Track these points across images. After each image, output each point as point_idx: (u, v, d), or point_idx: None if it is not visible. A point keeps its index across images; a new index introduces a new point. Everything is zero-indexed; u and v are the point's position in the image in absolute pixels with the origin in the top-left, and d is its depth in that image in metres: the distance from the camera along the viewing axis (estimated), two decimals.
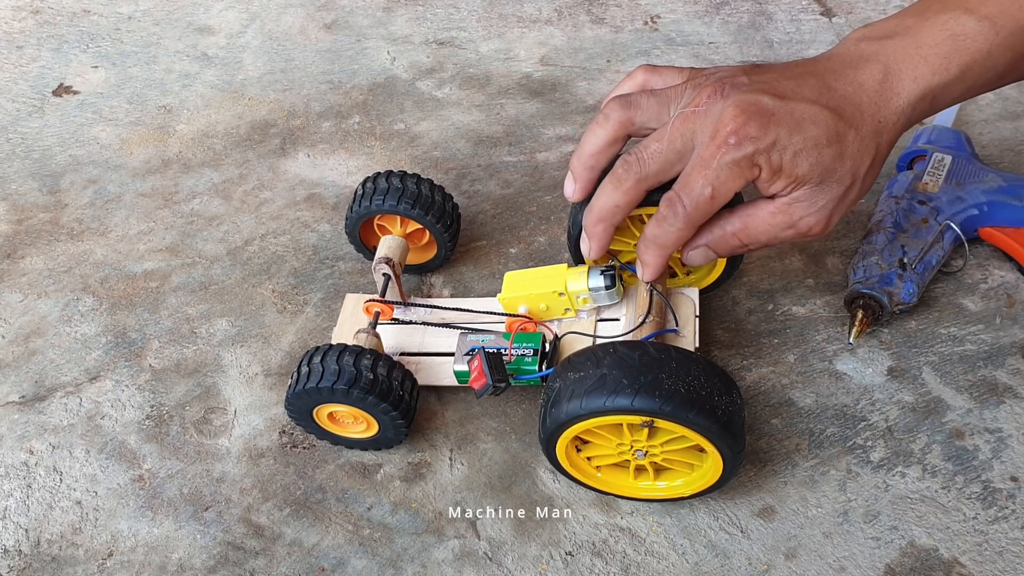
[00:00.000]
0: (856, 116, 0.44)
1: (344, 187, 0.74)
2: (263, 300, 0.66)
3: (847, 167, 0.44)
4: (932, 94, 0.45)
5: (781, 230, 0.46)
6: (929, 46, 0.45)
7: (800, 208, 0.45)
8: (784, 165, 0.43)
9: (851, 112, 0.44)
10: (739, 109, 0.43)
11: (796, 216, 0.45)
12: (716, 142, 0.43)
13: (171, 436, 0.58)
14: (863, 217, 0.68)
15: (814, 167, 0.43)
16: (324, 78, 0.86)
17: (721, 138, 0.43)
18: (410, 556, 0.52)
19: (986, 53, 0.45)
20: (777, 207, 0.46)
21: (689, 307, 0.56)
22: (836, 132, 0.43)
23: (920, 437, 0.55)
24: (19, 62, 0.90)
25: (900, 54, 0.45)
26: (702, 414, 0.44)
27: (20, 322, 0.66)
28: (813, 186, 0.44)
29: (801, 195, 0.45)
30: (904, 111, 0.45)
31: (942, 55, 0.44)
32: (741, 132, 0.42)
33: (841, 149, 0.44)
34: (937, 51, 0.45)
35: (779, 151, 0.43)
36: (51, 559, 0.53)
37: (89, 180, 0.77)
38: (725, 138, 0.43)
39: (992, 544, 0.50)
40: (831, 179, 0.44)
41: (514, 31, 0.90)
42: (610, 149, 0.48)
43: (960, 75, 0.45)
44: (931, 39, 0.45)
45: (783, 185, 0.44)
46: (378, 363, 0.51)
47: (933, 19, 0.45)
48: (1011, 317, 0.61)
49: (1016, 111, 0.77)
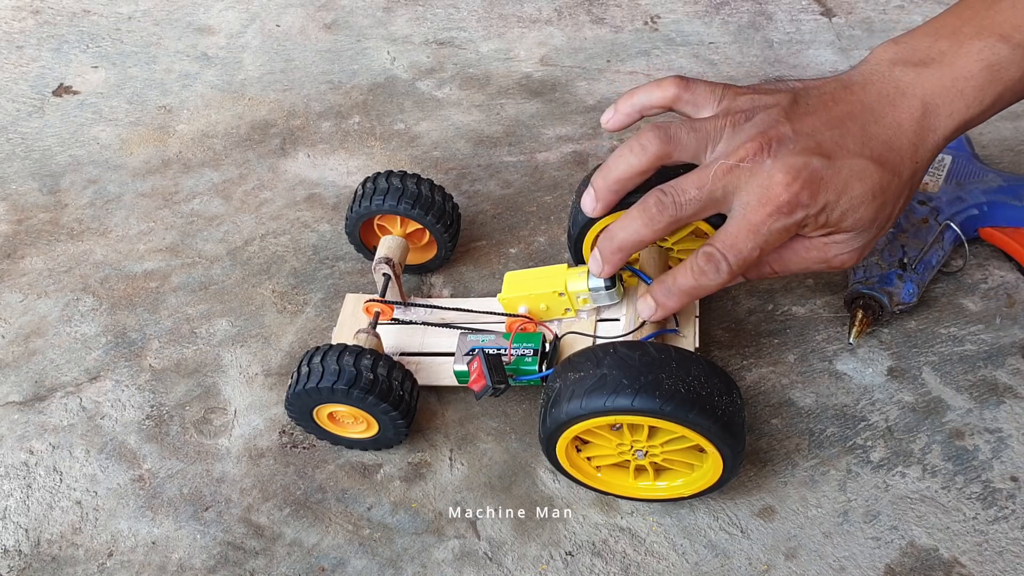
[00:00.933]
0: (897, 163, 0.44)
1: (344, 187, 0.74)
2: (263, 300, 0.66)
3: (886, 213, 0.45)
4: (966, 125, 0.45)
5: (814, 263, 0.47)
6: (965, 79, 0.44)
7: (836, 248, 0.46)
8: (831, 222, 0.44)
9: (893, 160, 0.44)
10: (790, 176, 0.43)
11: (832, 254, 0.46)
12: (767, 209, 0.43)
13: (171, 436, 0.58)
14: None
15: (858, 221, 0.45)
16: (324, 78, 0.86)
17: (773, 206, 0.43)
18: (410, 556, 0.52)
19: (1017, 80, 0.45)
20: (814, 244, 0.47)
21: (689, 307, 0.56)
22: (880, 185, 0.44)
23: (920, 437, 0.55)
24: (19, 62, 0.90)
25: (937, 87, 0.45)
26: (702, 414, 0.44)
27: (20, 322, 0.66)
28: (849, 232, 0.45)
29: (840, 238, 0.46)
30: (939, 146, 0.45)
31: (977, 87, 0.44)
32: (794, 201, 0.43)
33: (884, 200, 0.44)
34: (973, 83, 0.44)
35: (827, 213, 0.44)
36: (51, 559, 0.53)
37: (89, 180, 0.77)
38: (778, 207, 0.43)
39: (992, 544, 0.50)
40: (872, 226, 0.45)
41: (514, 31, 0.90)
42: (639, 178, 0.48)
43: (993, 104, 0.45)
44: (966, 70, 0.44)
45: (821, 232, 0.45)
46: (378, 363, 0.51)
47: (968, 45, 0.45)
48: (1011, 317, 0.61)
49: (1016, 111, 0.77)
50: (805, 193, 0.43)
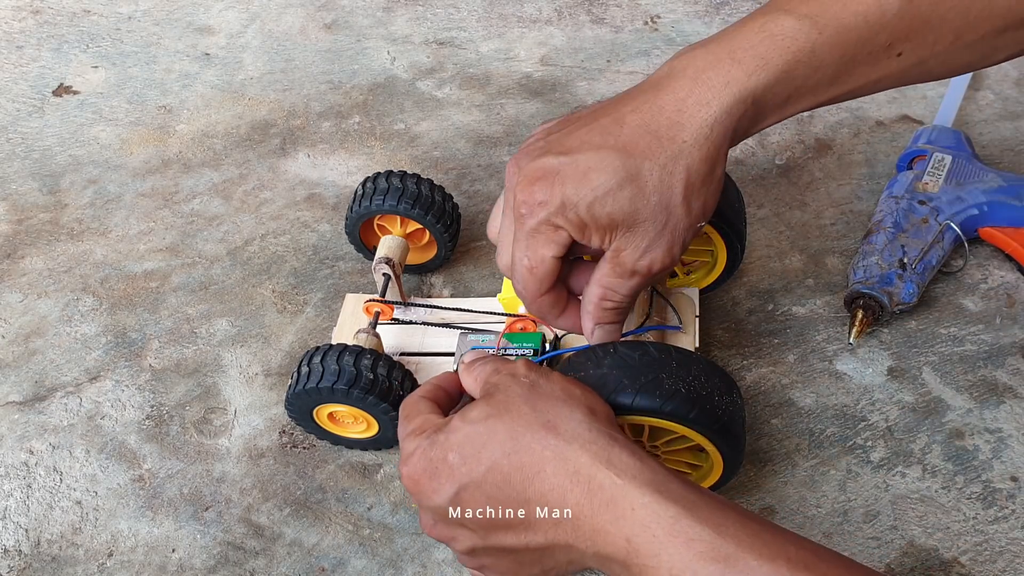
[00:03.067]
0: (651, 145, 0.41)
1: (344, 187, 0.74)
2: (263, 300, 0.66)
3: (652, 202, 0.42)
4: (752, 96, 0.42)
5: (628, 279, 0.44)
6: (744, 48, 0.42)
7: (628, 255, 0.43)
8: (583, 219, 0.42)
9: (644, 143, 0.41)
10: (525, 181, 0.42)
11: (629, 263, 0.43)
12: (514, 216, 0.43)
13: (171, 436, 0.58)
14: (863, 217, 0.68)
15: (614, 213, 0.42)
16: (324, 78, 0.86)
17: (516, 212, 0.43)
18: (410, 556, 0.52)
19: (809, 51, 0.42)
20: (609, 262, 0.44)
21: (689, 307, 0.56)
22: (627, 172, 0.41)
23: (920, 437, 0.55)
24: (19, 62, 0.90)
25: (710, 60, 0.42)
26: (702, 414, 0.44)
27: (20, 322, 0.66)
28: (626, 231, 0.42)
29: (621, 243, 0.43)
30: (717, 121, 0.42)
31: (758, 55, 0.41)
32: (529, 201, 0.42)
33: (639, 186, 0.41)
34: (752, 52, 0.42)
35: (572, 207, 0.41)
36: (51, 559, 0.53)
37: (89, 180, 0.77)
38: (519, 211, 0.42)
39: (992, 544, 0.50)
40: (640, 218, 0.42)
41: (514, 31, 0.90)
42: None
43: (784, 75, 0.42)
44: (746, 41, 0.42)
45: (600, 239, 0.43)
46: (378, 363, 0.51)
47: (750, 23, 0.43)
48: (1011, 317, 0.61)
49: (1016, 111, 0.77)
50: (538, 189, 0.41)
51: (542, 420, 0.39)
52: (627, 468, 0.37)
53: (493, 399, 0.41)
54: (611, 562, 0.37)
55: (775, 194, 0.71)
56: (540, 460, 0.38)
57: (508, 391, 0.41)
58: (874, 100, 0.79)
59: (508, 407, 0.40)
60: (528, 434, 0.39)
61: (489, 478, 0.39)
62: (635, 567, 0.36)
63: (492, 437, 0.39)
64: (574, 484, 0.38)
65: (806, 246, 0.67)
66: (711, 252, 0.58)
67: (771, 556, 0.34)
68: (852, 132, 0.76)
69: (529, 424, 0.39)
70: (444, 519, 0.41)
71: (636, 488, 0.36)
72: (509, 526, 0.39)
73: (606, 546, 0.37)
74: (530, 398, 0.40)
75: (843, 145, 0.75)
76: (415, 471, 0.41)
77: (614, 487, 0.37)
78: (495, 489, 0.39)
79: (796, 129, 0.76)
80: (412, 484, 0.41)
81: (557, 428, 0.39)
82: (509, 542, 0.40)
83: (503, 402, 0.40)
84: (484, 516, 0.39)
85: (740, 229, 0.55)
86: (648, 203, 0.42)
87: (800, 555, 0.34)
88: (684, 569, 0.34)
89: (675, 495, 0.36)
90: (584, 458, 0.38)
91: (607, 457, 0.38)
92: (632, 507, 0.36)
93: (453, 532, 0.41)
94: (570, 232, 0.42)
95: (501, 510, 0.39)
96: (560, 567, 0.40)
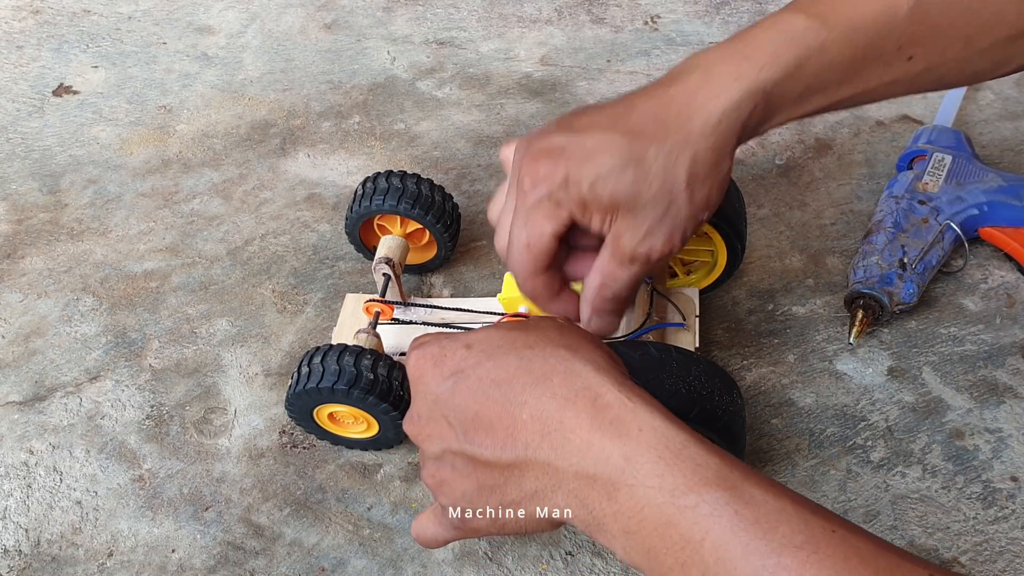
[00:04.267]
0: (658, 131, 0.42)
1: (344, 187, 0.74)
2: (263, 300, 0.66)
3: (655, 186, 0.42)
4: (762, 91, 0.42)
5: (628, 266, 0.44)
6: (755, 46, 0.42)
7: (628, 240, 0.43)
8: (585, 197, 0.42)
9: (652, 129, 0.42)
10: (531, 156, 0.42)
11: (628, 248, 0.43)
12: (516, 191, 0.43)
13: (171, 436, 0.58)
14: (863, 217, 0.68)
15: (616, 193, 0.41)
16: (324, 78, 0.86)
17: (520, 188, 0.43)
18: (410, 556, 0.52)
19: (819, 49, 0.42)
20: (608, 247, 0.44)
21: (689, 307, 0.56)
22: (632, 154, 0.41)
23: (920, 437, 0.55)
24: (19, 62, 0.90)
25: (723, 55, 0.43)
26: (702, 414, 0.44)
27: (20, 322, 0.66)
28: (627, 214, 0.42)
29: (620, 227, 0.43)
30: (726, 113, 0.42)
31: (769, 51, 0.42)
32: (533, 175, 0.42)
33: (643, 169, 0.41)
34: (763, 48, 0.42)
35: (575, 184, 0.42)
36: (51, 559, 0.53)
37: (89, 180, 0.77)
38: (522, 186, 0.42)
39: (992, 544, 0.50)
40: (641, 202, 0.42)
41: (514, 31, 0.90)
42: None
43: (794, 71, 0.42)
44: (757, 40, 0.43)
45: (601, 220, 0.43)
46: (378, 363, 0.51)
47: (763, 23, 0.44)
48: (1011, 317, 0.61)
49: (1016, 111, 0.77)
50: (543, 165, 0.42)
51: (565, 342, 0.39)
52: (639, 394, 0.36)
53: (525, 322, 0.41)
54: (594, 483, 0.35)
55: (775, 194, 0.71)
56: (551, 369, 0.38)
57: (542, 321, 0.41)
58: None
59: (537, 326, 0.40)
60: (548, 347, 0.38)
61: (492, 373, 0.38)
62: (626, 488, 0.34)
63: (511, 342, 0.39)
64: (580, 397, 0.36)
65: (806, 246, 0.67)
66: (711, 252, 0.58)
67: (777, 494, 0.33)
68: (852, 132, 0.76)
69: (551, 340, 0.39)
70: (430, 410, 0.40)
71: (647, 411, 0.35)
72: (492, 427, 0.38)
73: (597, 464, 0.35)
74: (561, 328, 0.40)
75: (843, 145, 0.75)
76: (424, 354, 0.40)
77: (623, 407, 0.36)
78: (493, 386, 0.38)
79: (796, 129, 0.76)
80: (415, 367, 0.40)
81: (577, 350, 0.38)
82: (484, 450, 0.38)
83: (534, 323, 0.41)
84: (473, 410, 0.38)
85: (740, 229, 0.55)
86: (650, 187, 0.42)
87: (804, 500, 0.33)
88: (688, 492, 0.33)
89: (684, 426, 0.35)
90: (597, 377, 0.37)
91: (620, 381, 0.37)
92: (639, 428, 0.35)
93: (432, 427, 0.40)
94: (571, 210, 0.42)
95: (492, 407, 0.38)
96: (523, 500, 0.38)
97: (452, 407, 0.39)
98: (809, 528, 0.32)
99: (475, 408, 0.38)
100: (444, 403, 0.39)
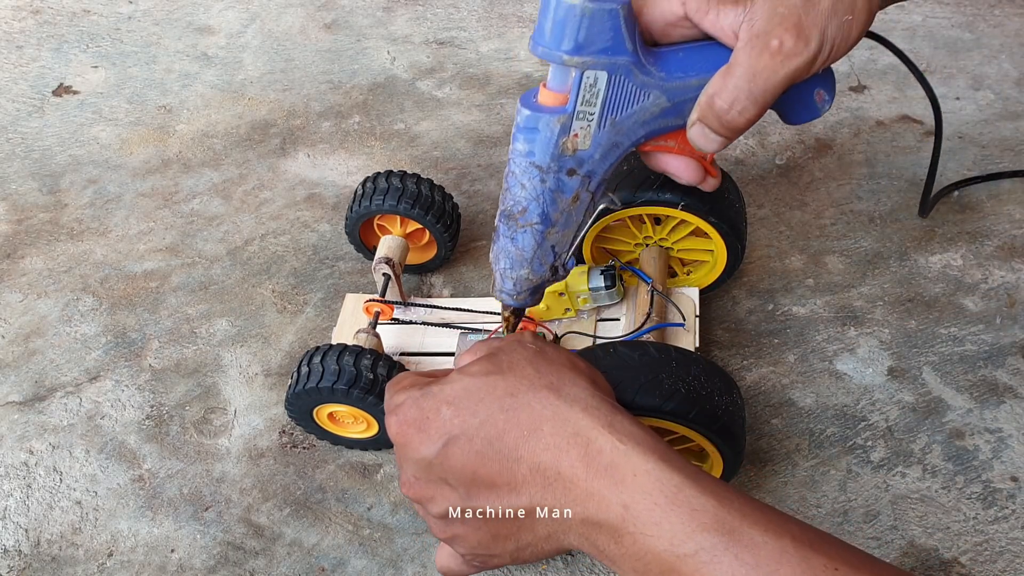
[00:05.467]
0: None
1: (344, 187, 0.74)
2: (263, 300, 0.66)
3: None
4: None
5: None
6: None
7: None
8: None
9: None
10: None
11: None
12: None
13: (171, 436, 0.58)
14: (863, 217, 0.68)
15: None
16: (324, 78, 0.86)
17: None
18: (410, 556, 0.52)
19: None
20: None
21: (689, 307, 0.56)
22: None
23: (920, 437, 0.55)
24: (19, 62, 0.90)
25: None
26: (702, 414, 0.44)
27: (20, 322, 0.66)
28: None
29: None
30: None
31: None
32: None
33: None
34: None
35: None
36: (51, 559, 0.53)
37: (89, 180, 0.77)
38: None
39: (992, 544, 0.50)
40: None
41: (514, 31, 0.90)
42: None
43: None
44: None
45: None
46: (378, 363, 0.51)
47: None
48: (1011, 317, 0.61)
49: (1016, 111, 0.77)
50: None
51: (545, 381, 0.38)
52: (630, 434, 0.36)
53: (496, 358, 0.39)
54: (600, 529, 0.35)
55: (775, 194, 0.71)
56: (539, 418, 0.37)
57: (512, 352, 0.40)
58: (874, 100, 0.79)
59: (511, 366, 0.38)
60: (529, 392, 0.37)
61: (482, 432, 0.37)
62: (628, 536, 0.34)
63: (491, 391, 0.38)
64: (572, 445, 0.36)
65: (806, 246, 0.67)
66: (711, 252, 0.58)
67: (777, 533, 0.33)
68: (852, 132, 0.76)
69: (531, 383, 0.38)
70: (427, 474, 0.39)
71: (639, 454, 0.35)
72: (494, 484, 0.37)
73: (599, 512, 0.35)
74: (534, 360, 0.39)
75: (843, 145, 0.75)
76: (405, 420, 0.39)
77: (615, 451, 0.35)
78: (486, 444, 0.37)
79: (796, 129, 0.76)
80: (399, 434, 0.39)
81: (560, 390, 0.37)
82: (491, 505, 0.38)
83: (506, 361, 0.39)
84: (470, 471, 0.37)
85: (740, 229, 0.55)
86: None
87: (805, 535, 0.33)
88: (686, 540, 0.33)
89: (678, 465, 0.35)
90: (585, 420, 0.36)
91: (609, 421, 0.36)
92: (634, 473, 0.35)
93: (433, 490, 0.39)
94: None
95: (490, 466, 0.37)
96: (537, 543, 0.38)
97: (448, 470, 0.38)
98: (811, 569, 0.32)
99: (472, 468, 0.37)
100: (440, 467, 0.38)
